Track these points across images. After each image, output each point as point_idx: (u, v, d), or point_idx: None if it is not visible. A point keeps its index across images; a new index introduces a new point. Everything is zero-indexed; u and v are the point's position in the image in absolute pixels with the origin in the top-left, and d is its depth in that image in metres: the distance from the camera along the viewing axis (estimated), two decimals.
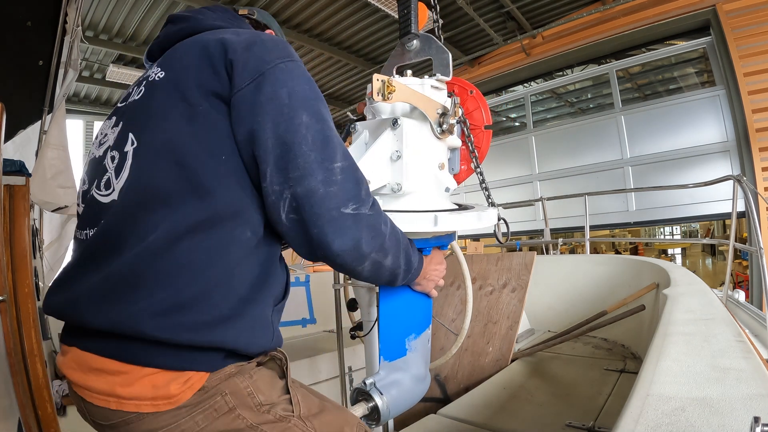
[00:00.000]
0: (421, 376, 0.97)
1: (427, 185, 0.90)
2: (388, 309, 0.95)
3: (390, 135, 0.85)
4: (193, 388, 0.57)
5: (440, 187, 0.90)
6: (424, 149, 0.89)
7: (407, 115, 0.89)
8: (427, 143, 0.89)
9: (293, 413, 0.65)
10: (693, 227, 14.97)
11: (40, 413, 1.23)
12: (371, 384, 0.89)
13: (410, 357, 0.96)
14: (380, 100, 0.77)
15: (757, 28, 4.91)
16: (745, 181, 2.72)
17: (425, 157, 0.89)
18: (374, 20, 5.88)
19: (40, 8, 2.23)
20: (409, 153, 0.85)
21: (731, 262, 2.86)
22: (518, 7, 5.96)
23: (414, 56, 1.01)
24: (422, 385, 0.97)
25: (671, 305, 1.30)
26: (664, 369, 0.75)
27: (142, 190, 0.59)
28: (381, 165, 0.85)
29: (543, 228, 4.92)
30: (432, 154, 0.90)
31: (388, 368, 0.93)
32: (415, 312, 0.97)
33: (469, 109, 1.12)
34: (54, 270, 3.61)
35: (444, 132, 0.88)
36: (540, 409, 1.58)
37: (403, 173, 0.84)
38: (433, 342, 2.34)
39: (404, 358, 0.95)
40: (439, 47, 0.97)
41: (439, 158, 0.92)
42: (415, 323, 0.98)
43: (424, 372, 0.98)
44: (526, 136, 7.18)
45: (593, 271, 2.79)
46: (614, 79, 6.26)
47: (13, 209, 1.36)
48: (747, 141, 4.98)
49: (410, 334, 0.97)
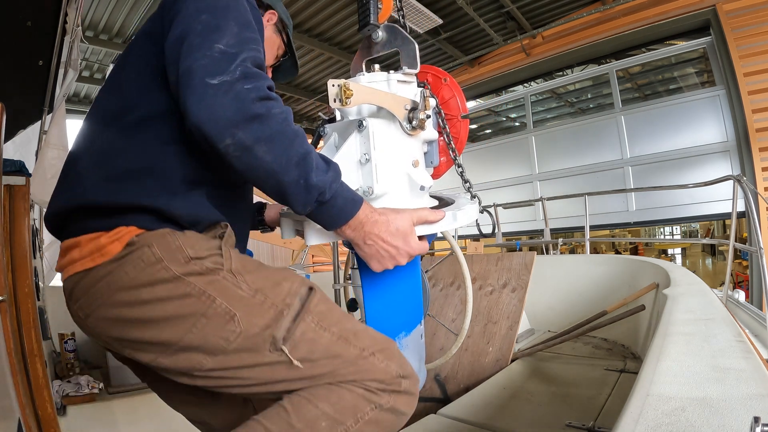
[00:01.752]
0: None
1: (401, 186, 0.85)
2: (373, 311, 0.91)
3: (357, 137, 0.81)
4: (122, 241, 0.66)
5: (415, 186, 0.86)
6: (395, 148, 0.84)
7: (374, 114, 0.85)
8: (397, 142, 0.85)
9: (223, 267, 0.68)
10: (693, 227, 14.97)
11: (40, 413, 1.23)
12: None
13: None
14: (339, 106, 0.75)
15: (757, 28, 4.92)
16: (745, 181, 2.72)
17: (396, 157, 0.84)
18: None
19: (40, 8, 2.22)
20: (377, 155, 0.81)
21: (731, 262, 2.86)
22: (518, 7, 5.96)
23: (381, 49, 0.96)
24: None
25: (671, 305, 1.30)
26: (664, 369, 0.75)
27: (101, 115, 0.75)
28: (350, 169, 0.81)
29: (543, 228, 4.93)
30: (404, 153, 0.86)
31: None
32: (404, 310, 0.94)
33: (444, 97, 1.05)
34: (54, 270, 3.60)
35: (415, 128, 0.84)
36: (540, 409, 1.58)
37: (373, 176, 0.80)
38: (433, 342, 2.35)
39: None
40: (405, 38, 0.91)
41: (412, 155, 0.87)
42: (405, 321, 0.94)
43: (417, 368, 0.94)
44: (526, 136, 7.18)
45: (593, 271, 2.79)
46: (614, 79, 6.26)
47: (13, 209, 1.36)
48: (747, 141, 4.98)
49: (401, 331, 0.94)
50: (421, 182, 0.85)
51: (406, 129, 0.83)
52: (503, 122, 8.83)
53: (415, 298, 0.96)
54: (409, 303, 0.95)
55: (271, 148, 0.63)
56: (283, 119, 0.65)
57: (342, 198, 0.69)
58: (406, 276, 0.93)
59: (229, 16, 0.69)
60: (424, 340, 1.00)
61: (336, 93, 0.74)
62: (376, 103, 0.81)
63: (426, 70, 1.07)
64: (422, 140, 0.93)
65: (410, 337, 0.94)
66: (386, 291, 0.91)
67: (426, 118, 0.84)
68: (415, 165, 0.86)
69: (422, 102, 0.84)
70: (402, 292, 0.93)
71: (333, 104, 0.75)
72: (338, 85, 0.74)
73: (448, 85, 1.06)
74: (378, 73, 0.89)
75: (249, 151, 0.62)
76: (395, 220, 0.74)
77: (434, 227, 0.81)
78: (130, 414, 2.00)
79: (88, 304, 0.69)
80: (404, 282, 0.93)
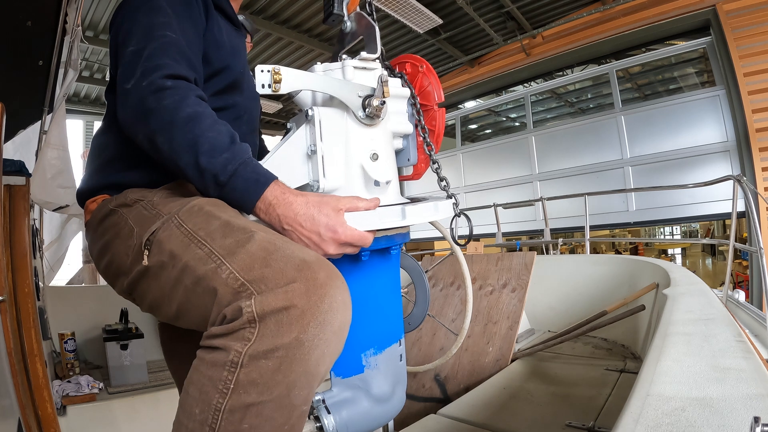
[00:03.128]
0: (384, 396, 0.84)
1: (355, 181, 0.78)
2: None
3: (305, 128, 0.77)
4: (96, 202, 0.84)
5: (370, 181, 0.78)
6: (348, 140, 0.77)
7: (327, 104, 0.79)
8: (351, 133, 0.78)
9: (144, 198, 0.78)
10: (693, 227, 14.97)
11: (40, 413, 1.23)
12: (319, 401, 0.79)
13: (369, 375, 0.83)
14: (268, 91, 0.70)
15: (757, 28, 4.91)
16: (745, 181, 2.72)
17: (348, 149, 0.77)
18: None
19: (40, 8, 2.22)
20: (324, 146, 0.75)
21: (731, 262, 2.86)
22: (518, 7, 5.95)
23: (351, 39, 0.90)
24: (384, 406, 0.84)
25: (671, 305, 1.30)
26: (664, 369, 0.75)
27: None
28: (295, 162, 0.76)
29: (543, 228, 4.92)
30: (358, 145, 0.78)
31: (340, 385, 0.82)
32: (372, 321, 0.83)
33: (423, 86, 0.94)
34: (54, 270, 3.61)
35: (370, 117, 0.76)
36: (540, 409, 1.58)
37: (319, 169, 0.75)
38: (433, 342, 2.35)
39: (361, 376, 0.82)
40: (368, 23, 0.85)
41: (369, 148, 0.78)
42: (373, 335, 0.83)
43: (388, 392, 0.85)
44: (526, 136, 7.18)
45: (593, 271, 2.79)
46: (614, 79, 6.26)
47: (13, 209, 1.36)
48: (747, 141, 4.98)
49: (368, 348, 0.83)
50: (377, 177, 0.76)
51: (360, 118, 0.76)
52: (503, 122, 8.82)
53: (390, 312, 0.86)
54: (380, 316, 0.84)
55: (166, 137, 0.68)
56: (173, 108, 0.68)
57: (242, 179, 0.66)
58: (372, 284, 0.83)
59: (138, 14, 0.77)
60: (404, 363, 0.90)
61: (263, 79, 0.70)
62: (315, 89, 0.75)
63: (405, 59, 0.98)
64: (389, 132, 0.84)
65: (381, 356, 0.84)
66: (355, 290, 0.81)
67: (381, 104, 0.75)
68: (373, 158, 0.78)
69: (379, 88, 0.75)
70: (367, 300, 0.82)
71: (261, 90, 0.70)
72: (268, 70, 0.70)
73: (424, 73, 0.94)
74: (334, 63, 0.81)
75: (152, 142, 0.70)
76: (316, 204, 0.67)
77: (378, 222, 0.71)
78: (130, 414, 2.00)
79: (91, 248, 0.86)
80: (369, 290, 0.83)
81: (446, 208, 0.80)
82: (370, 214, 0.71)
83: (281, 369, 0.53)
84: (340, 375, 0.82)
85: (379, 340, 0.83)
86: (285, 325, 0.53)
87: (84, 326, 2.42)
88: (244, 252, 0.60)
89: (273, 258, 0.58)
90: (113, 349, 2.13)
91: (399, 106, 0.86)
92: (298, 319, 0.54)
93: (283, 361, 0.53)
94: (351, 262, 0.79)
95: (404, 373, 0.90)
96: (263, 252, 0.59)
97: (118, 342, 2.13)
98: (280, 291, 0.55)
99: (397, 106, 0.85)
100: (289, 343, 0.53)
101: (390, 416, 0.85)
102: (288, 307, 0.54)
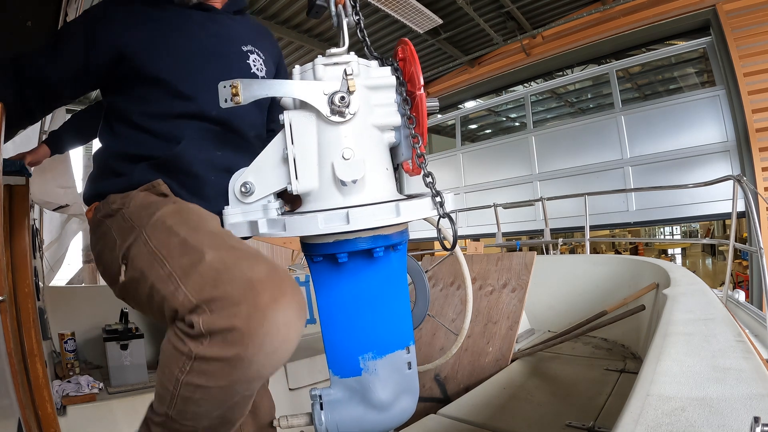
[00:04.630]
0: (381, 404, 0.80)
1: (326, 181, 0.76)
2: (323, 307, 0.81)
3: (281, 134, 0.77)
4: (91, 210, 0.93)
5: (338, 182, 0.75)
6: (318, 141, 0.76)
7: (298, 106, 0.77)
8: (320, 133, 0.76)
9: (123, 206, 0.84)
10: (693, 227, 14.97)
11: (40, 413, 1.23)
12: (316, 396, 0.79)
13: (367, 379, 0.80)
14: (230, 105, 0.72)
15: (757, 28, 4.92)
16: (745, 181, 2.72)
17: (320, 150, 0.76)
18: (374, 20, 5.88)
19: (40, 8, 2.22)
20: (296, 149, 0.74)
21: (731, 262, 2.86)
22: (518, 7, 5.95)
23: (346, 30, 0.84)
24: (382, 415, 0.80)
25: (671, 305, 1.30)
26: (664, 369, 0.75)
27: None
28: (273, 167, 0.77)
29: (543, 228, 4.92)
30: (329, 145, 0.75)
31: (338, 385, 0.81)
32: (368, 325, 0.80)
33: (409, 71, 0.82)
34: (54, 270, 3.60)
35: (336, 113, 0.74)
36: (540, 409, 1.58)
37: (291, 173, 0.75)
38: (433, 342, 2.35)
39: (358, 379, 0.80)
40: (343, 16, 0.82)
41: (341, 146, 0.75)
42: (370, 339, 0.80)
43: (387, 400, 0.80)
44: (526, 136, 7.18)
45: (593, 271, 2.79)
46: (614, 79, 6.26)
47: (13, 209, 1.36)
48: (747, 141, 4.98)
49: (365, 351, 0.79)
50: (343, 177, 0.73)
51: (327, 116, 0.74)
52: (503, 122, 8.83)
53: (386, 317, 0.82)
54: (377, 320, 0.81)
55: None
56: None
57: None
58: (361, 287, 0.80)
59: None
60: (415, 372, 0.85)
61: (226, 93, 0.72)
62: (275, 94, 0.75)
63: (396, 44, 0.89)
64: (370, 126, 0.78)
65: (381, 362, 0.80)
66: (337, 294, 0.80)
67: (342, 99, 0.73)
68: (345, 157, 0.74)
69: (343, 83, 0.73)
70: (359, 303, 0.80)
71: (223, 105, 0.72)
72: (228, 85, 0.72)
73: (408, 58, 0.84)
74: (309, 63, 0.79)
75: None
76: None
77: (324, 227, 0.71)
78: (130, 414, 1.99)
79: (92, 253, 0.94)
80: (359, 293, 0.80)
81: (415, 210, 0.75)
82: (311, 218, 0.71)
83: (224, 371, 0.62)
84: (338, 374, 0.81)
85: (378, 344, 0.81)
86: (229, 342, 0.60)
87: (84, 326, 2.42)
88: (197, 274, 0.66)
89: (222, 280, 0.64)
90: (113, 349, 2.12)
91: (385, 97, 0.80)
92: (239, 340, 0.60)
93: (226, 367, 0.62)
94: (333, 263, 0.78)
95: (414, 383, 0.85)
96: (214, 273, 0.65)
97: (118, 342, 2.13)
98: (225, 313, 0.61)
99: (383, 97, 0.79)
100: (231, 357, 0.61)
101: (387, 426, 0.82)
102: (231, 328, 0.60)
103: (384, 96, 0.80)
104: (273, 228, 0.74)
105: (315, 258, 0.79)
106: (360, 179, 0.74)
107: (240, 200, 0.79)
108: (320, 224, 0.70)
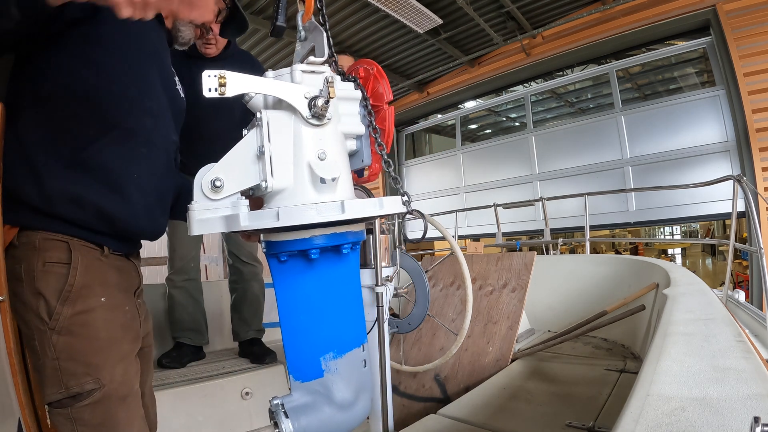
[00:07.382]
0: (346, 403, 0.82)
1: (301, 179, 0.80)
2: (286, 310, 0.82)
3: (255, 131, 0.79)
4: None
5: (316, 179, 0.79)
6: (295, 141, 0.80)
7: (276, 107, 0.81)
8: (297, 134, 0.80)
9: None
10: (693, 227, 14.99)
11: (40, 413, 1.22)
12: (277, 405, 0.78)
13: (329, 380, 0.82)
14: (215, 95, 0.74)
15: (757, 28, 4.92)
16: (745, 181, 2.72)
17: (297, 149, 0.80)
18: (374, 20, 5.88)
19: None
20: (272, 147, 0.78)
21: (731, 262, 2.86)
22: (518, 7, 5.95)
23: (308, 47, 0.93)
24: (347, 414, 0.83)
25: (671, 305, 1.30)
26: (664, 369, 0.75)
27: None
28: (247, 163, 0.79)
29: (543, 228, 4.93)
30: (306, 145, 0.80)
31: (300, 390, 0.81)
32: (330, 323, 0.83)
33: (374, 88, 0.99)
34: None
35: (316, 117, 0.79)
36: (540, 409, 1.58)
37: (267, 169, 0.78)
38: (433, 342, 2.35)
39: (321, 380, 0.81)
40: (317, 29, 0.89)
41: (317, 147, 0.81)
42: (332, 338, 0.83)
43: (350, 399, 0.83)
44: (526, 136, 7.18)
45: (593, 271, 2.79)
46: (614, 79, 6.26)
47: None
48: (747, 141, 4.98)
49: (326, 351, 0.82)
50: (323, 174, 0.78)
51: (307, 118, 0.80)
52: (503, 122, 8.83)
53: (346, 315, 0.85)
54: (338, 318, 0.84)
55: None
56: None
57: None
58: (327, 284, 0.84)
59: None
60: (369, 371, 0.89)
61: (212, 83, 0.74)
62: (261, 91, 0.79)
63: (358, 64, 1.04)
64: (340, 133, 0.86)
65: (342, 360, 0.83)
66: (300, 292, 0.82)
67: (325, 104, 0.78)
68: (321, 157, 0.81)
69: (325, 89, 0.79)
70: (323, 301, 0.83)
71: (207, 94, 0.73)
72: (214, 75, 0.74)
73: (375, 76, 1.00)
74: (284, 69, 0.84)
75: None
76: None
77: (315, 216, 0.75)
78: None
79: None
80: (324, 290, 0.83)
81: (393, 204, 0.81)
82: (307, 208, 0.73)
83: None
84: (300, 379, 0.81)
85: (339, 343, 0.83)
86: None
87: None
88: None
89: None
90: None
91: (351, 108, 0.88)
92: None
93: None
94: (303, 261, 0.80)
95: (368, 381, 0.89)
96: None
97: None
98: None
99: (349, 108, 0.88)
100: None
101: (352, 425, 0.83)
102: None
103: (350, 107, 0.88)
104: (258, 219, 0.75)
105: (282, 257, 0.80)
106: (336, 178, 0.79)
107: (208, 197, 0.78)
108: (316, 213, 0.73)
